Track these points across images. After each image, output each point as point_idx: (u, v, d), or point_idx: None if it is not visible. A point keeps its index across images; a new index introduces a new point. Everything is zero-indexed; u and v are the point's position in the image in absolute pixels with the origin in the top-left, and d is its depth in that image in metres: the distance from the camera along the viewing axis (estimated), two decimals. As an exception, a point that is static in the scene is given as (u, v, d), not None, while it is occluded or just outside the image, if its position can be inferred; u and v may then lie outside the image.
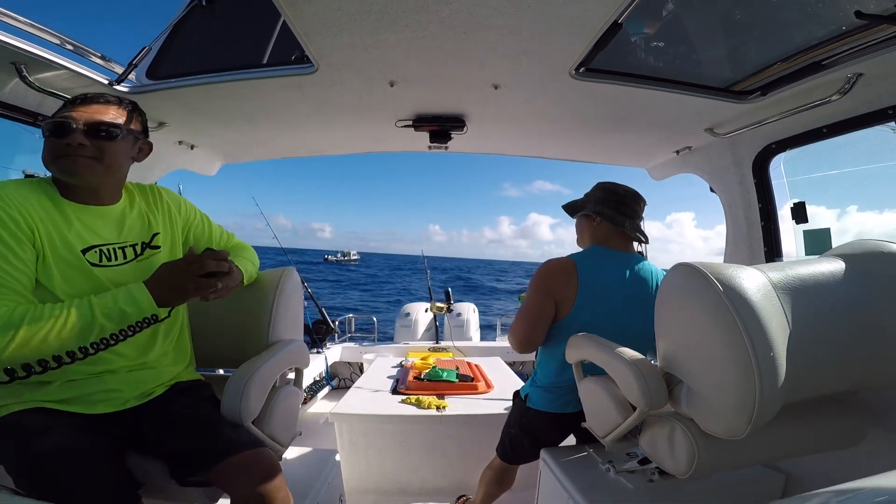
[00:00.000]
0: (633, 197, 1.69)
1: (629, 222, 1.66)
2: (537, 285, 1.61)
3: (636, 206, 1.69)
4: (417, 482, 2.43)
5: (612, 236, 1.68)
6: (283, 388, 1.53)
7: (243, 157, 2.57)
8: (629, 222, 1.66)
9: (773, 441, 1.13)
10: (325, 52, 1.40)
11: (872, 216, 21.33)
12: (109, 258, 1.19)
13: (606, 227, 1.69)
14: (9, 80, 1.37)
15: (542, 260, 1.72)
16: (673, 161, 2.58)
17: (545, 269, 1.63)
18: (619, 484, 1.40)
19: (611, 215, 1.66)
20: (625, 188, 1.71)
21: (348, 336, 4.89)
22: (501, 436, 1.87)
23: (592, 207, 1.71)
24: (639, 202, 1.70)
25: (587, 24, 1.25)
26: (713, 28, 1.52)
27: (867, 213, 27.28)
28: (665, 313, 1.13)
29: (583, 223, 1.79)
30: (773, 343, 0.91)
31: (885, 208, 9.28)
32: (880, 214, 13.89)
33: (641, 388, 1.15)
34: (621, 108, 1.90)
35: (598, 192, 1.73)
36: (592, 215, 1.71)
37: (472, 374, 3.07)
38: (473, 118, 2.06)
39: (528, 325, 1.61)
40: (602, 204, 1.69)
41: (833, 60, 1.40)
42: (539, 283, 1.61)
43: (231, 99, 1.75)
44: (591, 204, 1.72)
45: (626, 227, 1.64)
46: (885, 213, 5.92)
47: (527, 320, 1.62)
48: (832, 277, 1.04)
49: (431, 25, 1.27)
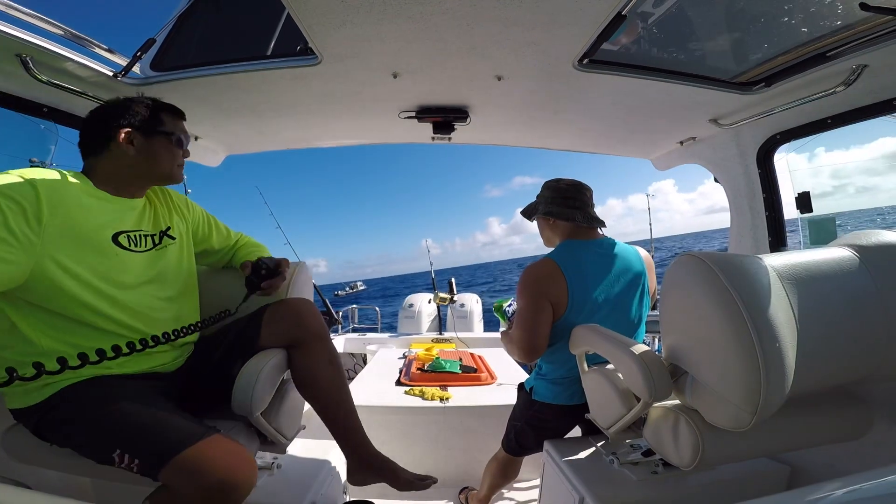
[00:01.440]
0: (575, 189, 1.73)
1: (579, 213, 1.69)
2: (527, 292, 1.60)
3: (582, 197, 1.72)
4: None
5: (574, 229, 1.72)
6: (290, 382, 1.55)
7: (247, 147, 2.58)
8: (579, 213, 1.69)
9: (778, 433, 1.12)
10: (329, 43, 1.40)
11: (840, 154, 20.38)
12: (137, 244, 1.29)
13: (563, 224, 1.73)
14: (14, 73, 1.38)
15: (539, 252, 1.73)
16: (677, 151, 2.58)
17: (530, 274, 1.62)
18: (623, 475, 1.40)
19: (561, 212, 1.70)
20: (567, 182, 1.75)
21: (352, 327, 4.89)
22: (507, 428, 1.87)
23: (544, 209, 1.75)
24: (583, 192, 1.73)
25: (590, 15, 1.25)
26: (717, 19, 1.51)
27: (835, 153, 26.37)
28: (670, 305, 1.13)
29: (542, 225, 1.84)
30: (778, 334, 0.90)
31: (850, 145, 9.05)
32: (846, 151, 13.53)
33: (646, 378, 1.14)
34: (625, 99, 1.89)
35: (545, 193, 1.78)
36: (547, 217, 1.76)
37: (475, 365, 3.08)
38: (477, 109, 2.05)
39: (529, 333, 1.58)
40: (551, 204, 1.73)
41: (838, 52, 1.40)
42: (529, 289, 1.60)
43: (235, 90, 1.75)
44: (543, 205, 1.76)
45: (577, 219, 1.68)
46: (852, 149, 5.80)
47: (525, 328, 1.59)
48: (838, 267, 1.02)
49: (434, 17, 1.27)
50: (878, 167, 11.13)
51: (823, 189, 2.06)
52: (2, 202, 0.98)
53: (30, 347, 1.09)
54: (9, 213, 0.99)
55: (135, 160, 1.28)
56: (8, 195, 1.00)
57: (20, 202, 1.01)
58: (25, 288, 1.05)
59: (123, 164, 1.28)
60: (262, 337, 1.42)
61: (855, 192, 14.15)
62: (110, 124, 1.27)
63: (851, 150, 41.65)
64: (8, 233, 0.98)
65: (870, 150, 41.61)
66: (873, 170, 13.49)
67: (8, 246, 0.98)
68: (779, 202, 2.17)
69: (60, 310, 1.10)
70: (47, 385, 1.11)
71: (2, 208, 0.98)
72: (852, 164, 9.45)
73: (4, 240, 0.97)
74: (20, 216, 1.00)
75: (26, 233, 1.01)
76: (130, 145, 1.27)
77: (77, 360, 0.94)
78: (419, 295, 5.12)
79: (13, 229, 0.99)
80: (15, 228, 0.99)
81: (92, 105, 1.63)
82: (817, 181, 2.02)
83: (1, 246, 0.97)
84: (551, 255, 1.65)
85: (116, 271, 1.20)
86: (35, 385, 1.10)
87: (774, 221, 2.17)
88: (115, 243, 1.21)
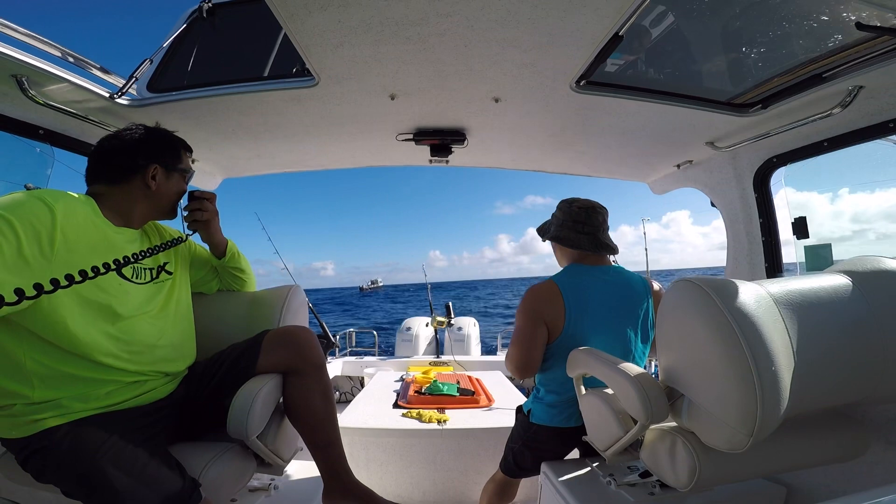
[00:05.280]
0: (588, 212, 1.71)
1: (587, 240, 1.69)
2: (525, 311, 1.64)
3: (595, 221, 1.71)
4: (419, 496, 2.43)
5: (582, 254, 1.72)
6: None
7: (244, 171, 2.57)
8: (587, 240, 1.69)
9: (775, 454, 1.14)
10: (326, 65, 1.40)
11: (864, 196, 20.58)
12: (138, 276, 1.30)
13: (571, 249, 1.73)
14: (10, 93, 1.37)
15: (546, 273, 1.73)
16: (674, 175, 2.58)
17: (530, 295, 1.66)
18: (621, 497, 1.40)
19: (568, 237, 1.71)
20: (580, 205, 1.73)
21: (349, 350, 4.87)
22: (505, 451, 1.87)
23: (553, 233, 1.76)
24: (596, 215, 1.71)
25: (587, 37, 1.25)
26: (714, 41, 1.53)
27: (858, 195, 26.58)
28: (666, 328, 1.14)
29: (554, 246, 1.85)
30: (774, 357, 0.91)
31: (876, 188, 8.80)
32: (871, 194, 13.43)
33: (642, 401, 1.15)
34: (622, 121, 1.90)
35: (558, 214, 1.78)
36: (556, 241, 1.77)
37: (472, 387, 3.09)
38: (474, 131, 2.06)
39: (523, 351, 1.63)
40: (561, 227, 1.74)
41: (834, 73, 1.40)
42: (527, 309, 1.64)
43: (232, 112, 1.75)
44: (553, 228, 1.77)
45: (584, 246, 1.68)
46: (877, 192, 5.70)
47: (520, 346, 1.64)
48: (834, 293, 1.05)
49: (431, 38, 1.27)
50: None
51: (843, 233, 2.08)
52: (18, 227, 0.96)
53: (14, 369, 1.06)
54: (24, 238, 0.96)
55: (152, 195, 1.31)
56: (25, 219, 0.98)
57: (36, 227, 0.99)
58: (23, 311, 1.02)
59: (139, 197, 1.30)
60: (260, 363, 1.41)
61: (875, 238, 14.07)
62: (139, 158, 1.29)
63: (876, 192, 42.10)
64: (21, 260, 0.96)
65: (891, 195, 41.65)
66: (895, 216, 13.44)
67: (19, 273, 0.95)
68: (775, 227, 2.16)
69: (52, 335, 1.06)
70: (35, 421, 1.07)
71: (17, 234, 0.96)
72: (875, 209, 9.57)
73: (17, 266, 0.95)
74: (34, 242, 0.99)
75: (37, 258, 0.99)
76: (153, 181, 1.30)
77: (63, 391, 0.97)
78: (417, 318, 5.10)
79: (26, 256, 0.97)
80: (28, 256, 0.97)
81: (88, 126, 1.62)
82: (837, 224, 2.04)
83: (12, 273, 0.94)
84: (554, 277, 1.68)
85: (117, 301, 1.18)
86: (21, 420, 1.07)
87: (771, 247, 2.16)
88: (120, 274, 1.21)
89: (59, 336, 1.07)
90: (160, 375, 1.31)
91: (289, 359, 1.44)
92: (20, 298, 0.75)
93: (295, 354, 1.44)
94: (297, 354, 1.44)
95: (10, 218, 0.95)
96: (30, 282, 0.89)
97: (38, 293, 0.80)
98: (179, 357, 1.39)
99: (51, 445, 1.07)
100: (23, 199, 1.01)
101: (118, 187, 1.28)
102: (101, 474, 1.05)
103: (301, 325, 1.58)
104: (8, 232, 0.94)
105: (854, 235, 2.12)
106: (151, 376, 1.28)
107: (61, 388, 1.09)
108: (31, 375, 1.06)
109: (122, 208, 1.28)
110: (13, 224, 0.95)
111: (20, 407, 1.06)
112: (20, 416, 1.07)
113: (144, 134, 1.34)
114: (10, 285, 0.89)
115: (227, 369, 1.42)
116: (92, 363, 1.12)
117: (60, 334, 1.07)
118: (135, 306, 1.24)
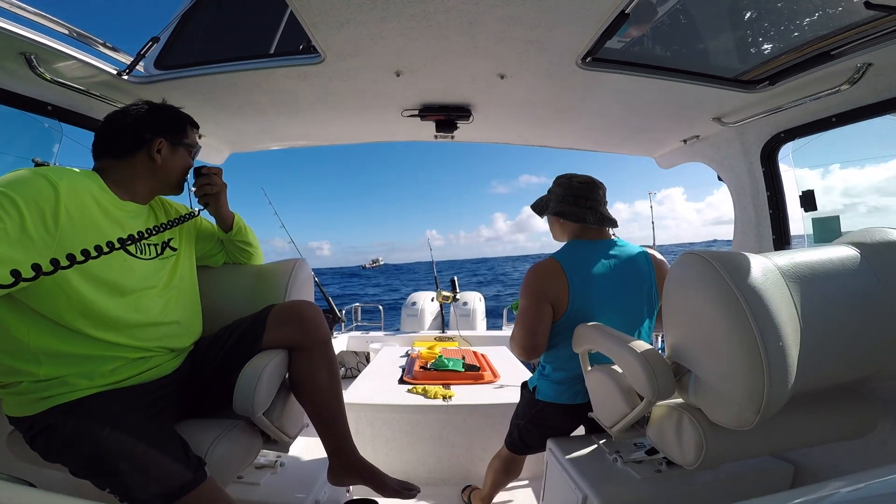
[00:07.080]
0: (588, 187, 1.68)
1: (591, 214, 1.66)
2: (529, 291, 1.61)
3: (595, 195, 1.68)
4: (424, 471, 2.44)
5: (583, 229, 1.69)
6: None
7: (251, 145, 2.58)
8: (591, 214, 1.66)
9: (782, 431, 1.12)
10: (332, 42, 1.40)
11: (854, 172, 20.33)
12: (143, 251, 1.30)
13: (573, 224, 1.70)
14: (19, 71, 1.38)
15: (543, 252, 1.72)
16: (680, 150, 2.57)
17: (532, 274, 1.62)
18: (626, 474, 1.40)
19: (571, 212, 1.67)
20: (580, 179, 1.70)
21: (355, 325, 4.90)
22: (510, 427, 1.87)
23: (554, 208, 1.72)
24: (596, 190, 1.69)
25: (594, 13, 1.24)
26: (721, 17, 1.50)
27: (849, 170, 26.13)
28: (673, 303, 1.12)
29: (552, 222, 1.80)
30: (781, 332, 0.90)
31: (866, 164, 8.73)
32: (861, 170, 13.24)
33: (649, 377, 1.13)
34: (628, 97, 1.89)
35: (556, 190, 1.74)
36: (557, 216, 1.73)
37: (478, 363, 3.08)
38: (479, 108, 2.05)
39: (529, 332, 1.59)
40: (562, 203, 1.70)
41: (842, 50, 1.39)
42: (530, 289, 1.60)
43: (239, 88, 1.76)
44: (553, 204, 1.73)
45: (588, 220, 1.65)
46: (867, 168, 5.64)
47: (525, 327, 1.60)
48: (842, 265, 1.02)
49: (437, 15, 1.27)
50: (893, 187, 10.89)
51: (835, 207, 2.07)
52: (21, 204, 0.96)
53: (19, 347, 1.07)
54: (27, 216, 0.96)
55: (157, 169, 1.31)
56: (28, 196, 0.98)
57: (40, 204, 0.99)
58: (26, 289, 1.02)
59: (144, 171, 1.30)
60: (266, 338, 1.42)
61: (867, 211, 13.84)
62: (144, 132, 1.29)
63: (866, 168, 41.39)
64: (25, 237, 0.96)
65: (886, 170, 41.33)
66: (885, 189, 13.28)
67: (24, 249, 0.95)
68: (783, 200, 2.15)
69: (55, 312, 1.07)
70: (42, 399, 1.08)
71: (21, 211, 0.95)
72: (865, 183, 9.40)
73: (21, 243, 0.95)
74: (38, 219, 0.98)
75: (42, 235, 0.99)
76: (159, 154, 1.30)
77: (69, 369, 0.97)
78: (422, 293, 5.10)
79: (30, 233, 0.97)
80: (32, 233, 0.97)
81: (96, 103, 1.63)
82: (829, 199, 2.03)
83: (17, 251, 0.94)
84: (555, 254, 1.65)
85: (122, 277, 1.19)
86: (27, 398, 1.08)
87: (778, 219, 2.16)
88: (125, 249, 1.20)
89: (62, 313, 1.07)
90: (165, 351, 1.31)
91: (294, 334, 1.45)
92: (37, 274, 0.75)
93: (300, 330, 1.45)
94: (303, 330, 1.45)
95: (13, 196, 0.95)
96: (35, 259, 0.90)
97: (55, 268, 0.82)
98: (185, 333, 1.39)
99: (56, 424, 1.08)
100: (27, 177, 1.01)
101: (124, 161, 1.28)
102: (105, 453, 1.06)
103: (307, 300, 1.58)
104: (11, 209, 0.94)
105: (846, 209, 2.11)
106: (157, 352, 1.28)
107: (67, 366, 1.10)
108: (37, 353, 1.07)
109: (127, 183, 1.28)
110: (16, 202, 0.95)
111: (27, 384, 1.08)
112: (27, 393, 1.08)
113: (150, 109, 1.34)
114: (17, 263, 0.89)
115: (233, 345, 1.42)
116: (96, 340, 1.12)
117: (63, 311, 1.07)
118: (139, 282, 1.24)
